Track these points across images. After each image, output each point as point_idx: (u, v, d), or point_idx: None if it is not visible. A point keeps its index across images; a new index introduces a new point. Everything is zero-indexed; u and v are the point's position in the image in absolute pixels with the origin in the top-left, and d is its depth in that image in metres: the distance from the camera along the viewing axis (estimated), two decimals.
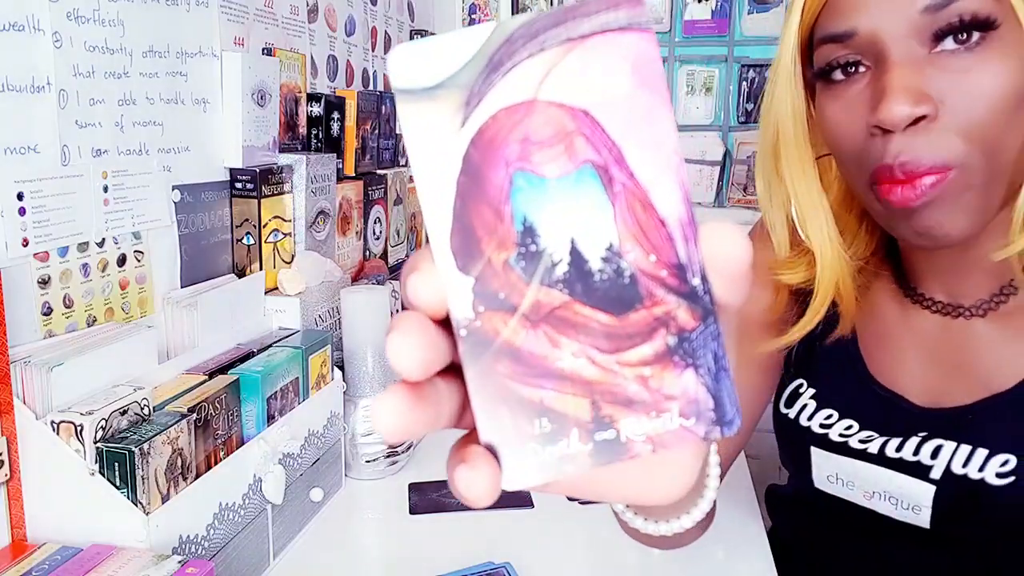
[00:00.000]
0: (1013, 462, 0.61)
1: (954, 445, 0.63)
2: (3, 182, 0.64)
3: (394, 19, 1.51)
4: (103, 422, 0.64)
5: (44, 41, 0.68)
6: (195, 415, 0.71)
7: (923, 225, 0.57)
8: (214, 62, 0.92)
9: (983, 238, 0.60)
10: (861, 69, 0.58)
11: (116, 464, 0.63)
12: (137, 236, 0.81)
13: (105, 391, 0.68)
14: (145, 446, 0.64)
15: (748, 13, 1.67)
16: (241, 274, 0.97)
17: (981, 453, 0.62)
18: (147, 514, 0.64)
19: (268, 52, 1.03)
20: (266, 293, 0.98)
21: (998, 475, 0.61)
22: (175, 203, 0.86)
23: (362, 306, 1.02)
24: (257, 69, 0.97)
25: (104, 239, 0.76)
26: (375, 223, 1.34)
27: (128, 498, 0.63)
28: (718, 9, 1.68)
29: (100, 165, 0.75)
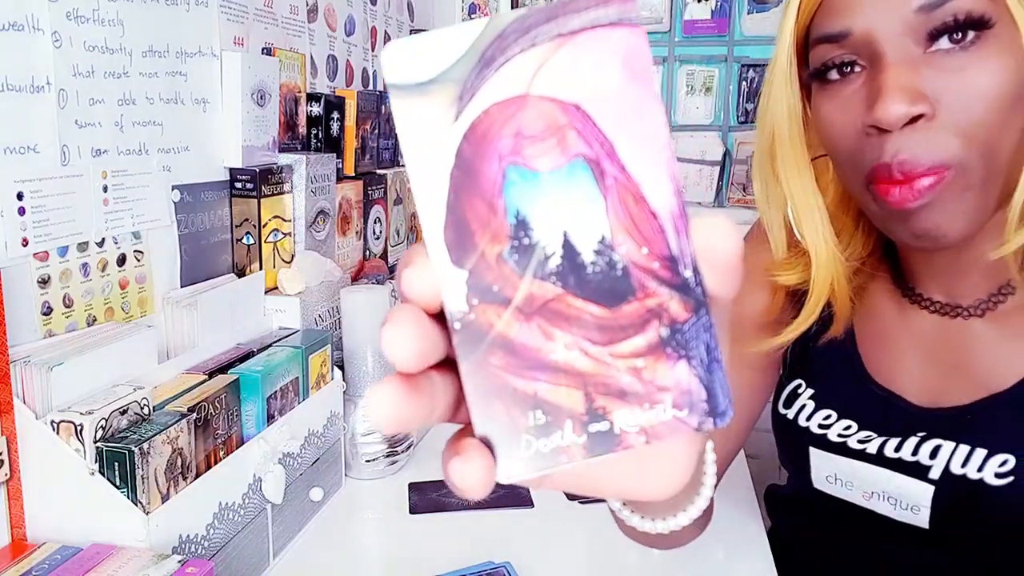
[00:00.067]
0: (1012, 462, 0.61)
1: (953, 445, 0.63)
2: (3, 182, 0.64)
3: (394, 19, 1.51)
4: (103, 422, 0.64)
5: (44, 41, 0.68)
6: (195, 415, 0.71)
7: (920, 227, 0.57)
8: (214, 62, 0.92)
9: (980, 238, 0.60)
10: (856, 69, 0.58)
11: (116, 464, 0.63)
12: (137, 236, 0.81)
13: (105, 391, 0.68)
14: (145, 446, 0.64)
15: (748, 13, 1.67)
16: (241, 274, 0.97)
17: (980, 453, 0.62)
18: (147, 514, 0.64)
19: (268, 52, 1.03)
20: (266, 293, 0.98)
21: (997, 475, 0.61)
22: (175, 203, 0.86)
23: (362, 306, 1.02)
24: (257, 69, 0.97)
25: (104, 239, 0.76)
26: (375, 223, 1.34)
27: (128, 498, 0.63)
28: (718, 9, 1.68)
29: (100, 165, 0.75)
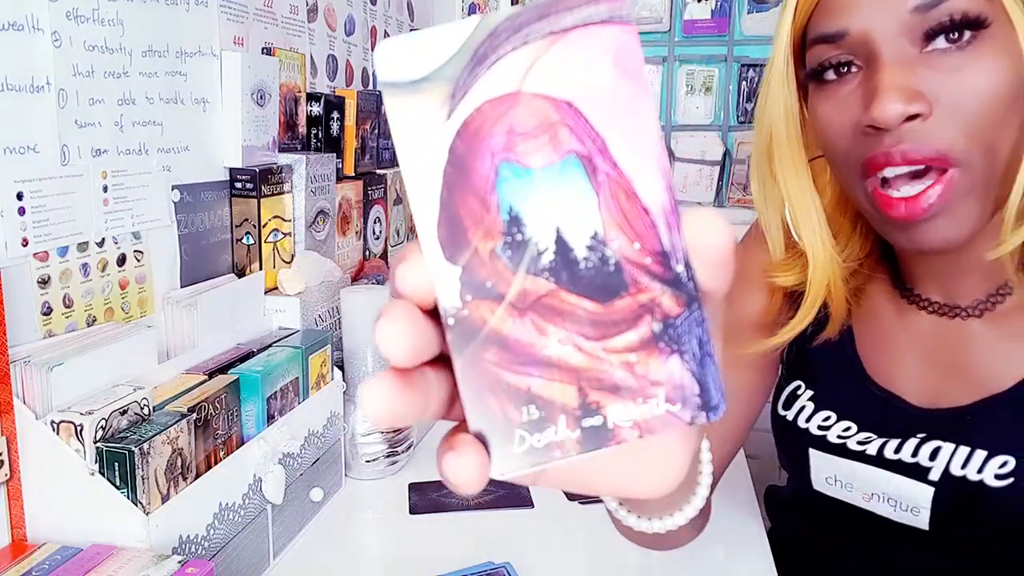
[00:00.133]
0: (1012, 463, 0.60)
1: (952, 446, 0.63)
2: (3, 182, 0.64)
3: (394, 18, 1.51)
4: (103, 422, 0.64)
5: (43, 41, 0.68)
6: (195, 415, 0.71)
7: (925, 238, 0.57)
8: (213, 62, 0.92)
9: (978, 239, 0.60)
10: (853, 69, 0.58)
11: (116, 464, 0.63)
12: (137, 236, 0.81)
13: (105, 391, 0.68)
14: (145, 446, 0.64)
15: (748, 13, 1.67)
16: (241, 274, 0.97)
17: (980, 455, 0.62)
18: (147, 514, 0.64)
19: (268, 52, 1.03)
20: (266, 293, 0.98)
21: (997, 476, 0.61)
22: (175, 203, 0.86)
23: (362, 306, 1.02)
24: (257, 69, 0.97)
25: (104, 239, 0.76)
26: (375, 223, 1.34)
27: (128, 498, 0.63)
28: (718, 9, 1.68)
29: (100, 165, 0.75)
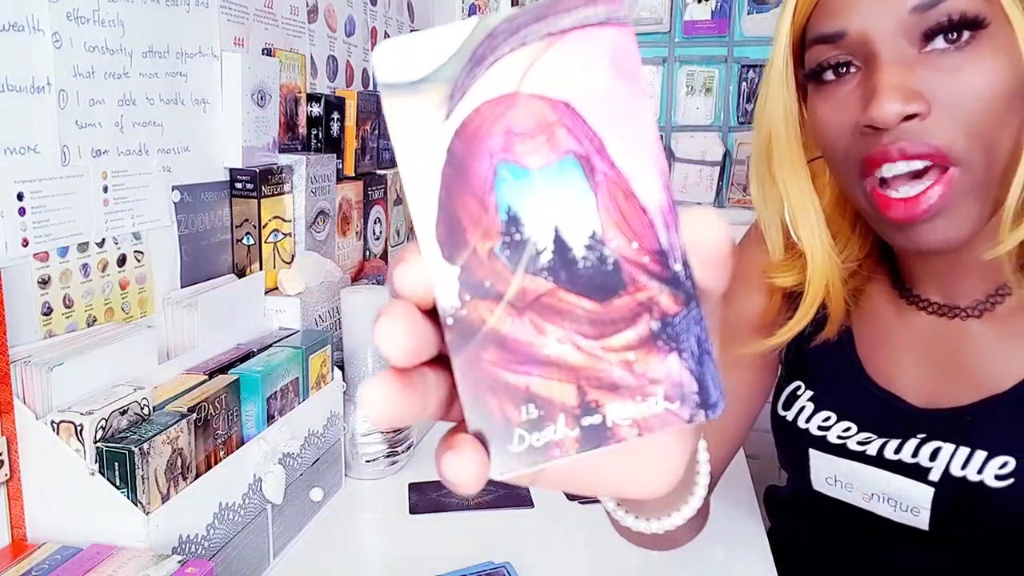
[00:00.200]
0: (1012, 464, 0.60)
1: (953, 447, 0.63)
2: (3, 182, 0.65)
3: (394, 19, 1.52)
4: (103, 422, 0.64)
5: (44, 41, 0.68)
6: (195, 415, 0.71)
7: (924, 239, 0.57)
8: (214, 62, 0.92)
9: (977, 239, 0.60)
10: (852, 69, 0.58)
11: (116, 464, 0.63)
12: (137, 236, 0.81)
13: (105, 391, 0.68)
14: (145, 446, 0.64)
15: (748, 13, 1.67)
16: (241, 274, 0.97)
17: (980, 455, 0.62)
18: (147, 514, 0.64)
19: (268, 52, 1.04)
20: (266, 293, 0.98)
21: (997, 477, 0.61)
22: (175, 203, 0.87)
23: (362, 306, 1.02)
24: (257, 69, 0.97)
25: (104, 239, 0.76)
26: (375, 223, 1.34)
27: (128, 498, 0.63)
28: (718, 9, 1.68)
29: (100, 165, 0.75)
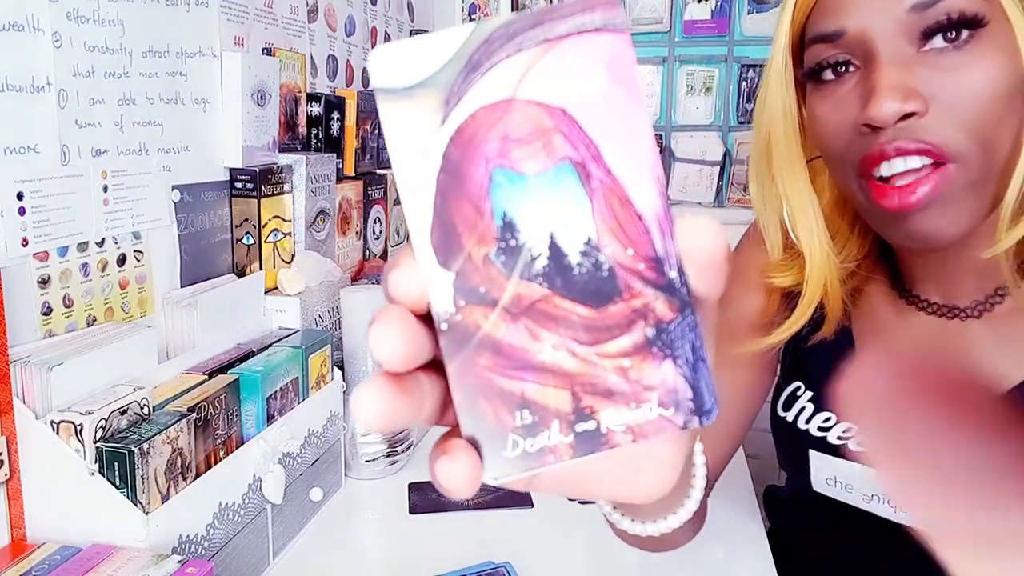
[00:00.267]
0: None
1: None
2: (3, 182, 0.65)
3: (394, 19, 1.51)
4: (103, 422, 0.64)
5: (44, 41, 0.68)
6: (195, 415, 0.71)
7: (918, 230, 0.57)
8: (214, 62, 0.92)
9: (975, 239, 0.60)
10: (851, 69, 0.58)
11: (116, 464, 0.63)
12: (137, 236, 0.81)
13: (105, 391, 0.68)
14: (145, 446, 0.64)
15: (748, 13, 1.67)
16: (241, 274, 0.97)
17: None
18: (147, 514, 0.64)
19: (268, 52, 1.03)
20: (266, 293, 0.98)
21: None
22: (175, 203, 0.87)
23: (362, 306, 1.02)
24: (257, 69, 0.97)
25: (104, 239, 0.76)
26: (375, 223, 1.34)
27: (128, 498, 0.63)
28: (718, 9, 1.68)
29: (100, 165, 0.75)
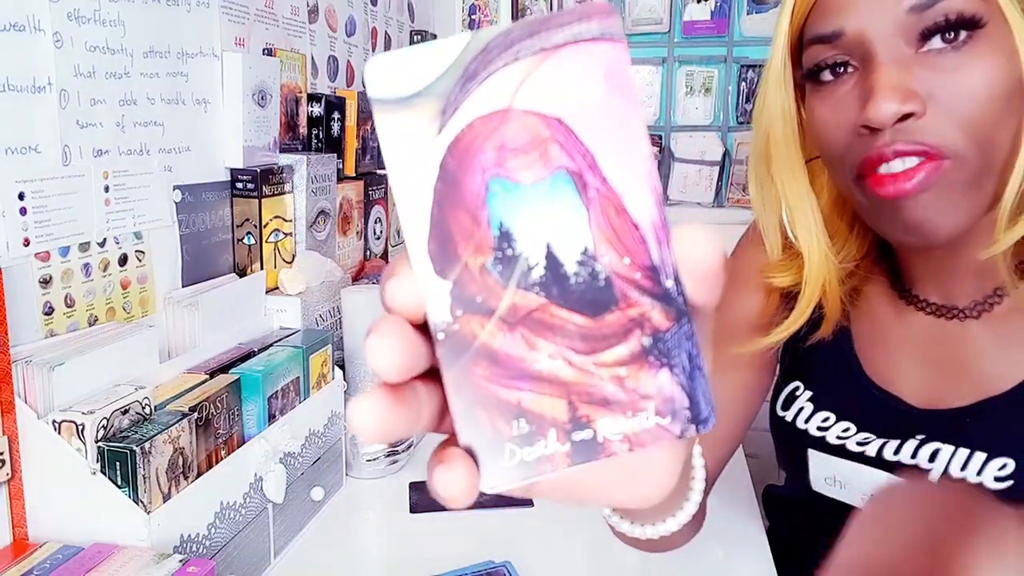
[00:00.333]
0: (1011, 466, 0.60)
1: (952, 449, 0.63)
2: (4, 182, 0.65)
3: (394, 19, 1.52)
4: (104, 421, 0.64)
5: (45, 41, 0.68)
6: (196, 414, 0.71)
7: (913, 219, 0.57)
8: (215, 62, 0.92)
9: (973, 239, 0.60)
10: (849, 70, 0.58)
11: (117, 463, 0.63)
12: (138, 236, 0.81)
13: (106, 390, 0.68)
14: (146, 445, 0.64)
15: (747, 13, 1.67)
16: (242, 274, 0.98)
17: (979, 457, 0.62)
18: (148, 513, 0.64)
19: (269, 52, 1.04)
20: (267, 293, 0.98)
21: (996, 479, 0.61)
22: (176, 203, 0.87)
23: (363, 306, 1.02)
24: (258, 69, 0.97)
25: (105, 239, 0.76)
26: (375, 223, 1.35)
27: (129, 497, 0.64)
28: (717, 9, 1.69)
29: (101, 165, 0.75)
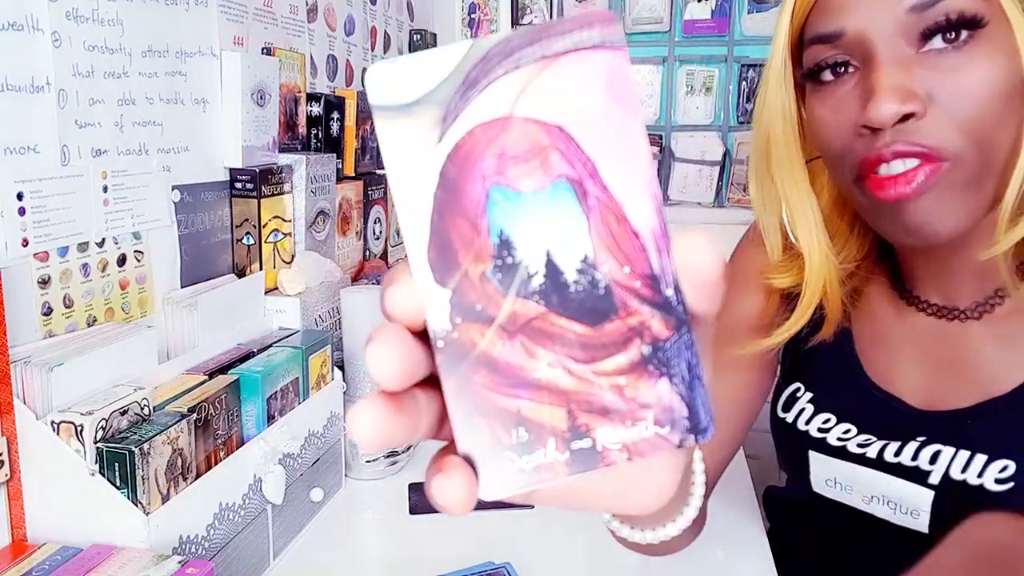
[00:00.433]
0: (1012, 468, 0.60)
1: (953, 451, 0.63)
2: (3, 182, 0.65)
3: (393, 18, 1.51)
4: (103, 422, 0.64)
5: (43, 41, 0.68)
6: (195, 415, 0.71)
7: (913, 221, 0.57)
8: (213, 62, 0.92)
9: (974, 239, 0.60)
10: (850, 70, 0.58)
11: (116, 464, 0.63)
12: (137, 236, 0.81)
13: (105, 391, 0.68)
14: (145, 446, 0.64)
15: (748, 13, 1.67)
16: (241, 274, 0.97)
17: (980, 458, 0.62)
18: (147, 514, 0.64)
19: (267, 52, 1.03)
20: (266, 293, 0.98)
21: (997, 481, 0.60)
22: (175, 203, 0.86)
23: (362, 306, 1.02)
24: (256, 69, 0.97)
25: (104, 239, 0.76)
26: (375, 223, 1.34)
27: (128, 498, 0.63)
28: (718, 9, 1.68)
29: (100, 165, 0.75)
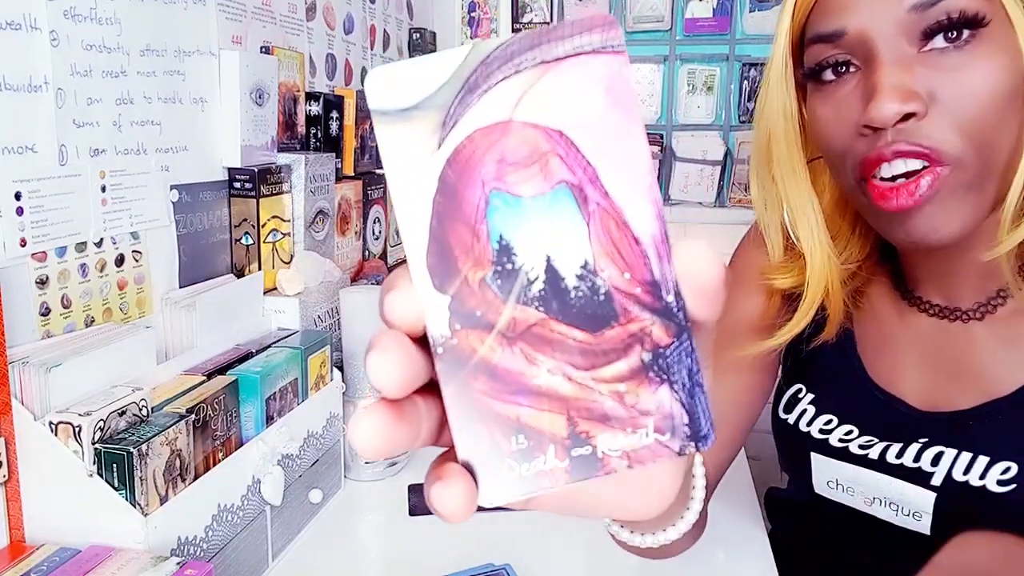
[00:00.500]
0: (1014, 469, 0.60)
1: (955, 452, 0.63)
2: (1, 182, 0.64)
3: (393, 17, 1.51)
4: (101, 423, 0.64)
5: (41, 40, 0.68)
6: (194, 416, 0.70)
7: (916, 229, 0.57)
8: (212, 61, 0.91)
9: (977, 240, 0.60)
10: (851, 69, 0.58)
11: (114, 465, 0.63)
12: (135, 236, 0.81)
13: (103, 392, 0.68)
14: (143, 447, 0.63)
15: (749, 11, 1.67)
16: (240, 274, 0.97)
17: (982, 460, 0.61)
18: (145, 515, 0.64)
19: (266, 51, 1.03)
20: (265, 293, 0.98)
21: (999, 482, 0.60)
22: (173, 203, 0.86)
23: (361, 306, 1.01)
24: (255, 68, 0.97)
25: (102, 239, 0.76)
26: (374, 223, 1.34)
27: (126, 499, 0.63)
28: (719, 7, 1.68)
29: (98, 165, 0.75)
